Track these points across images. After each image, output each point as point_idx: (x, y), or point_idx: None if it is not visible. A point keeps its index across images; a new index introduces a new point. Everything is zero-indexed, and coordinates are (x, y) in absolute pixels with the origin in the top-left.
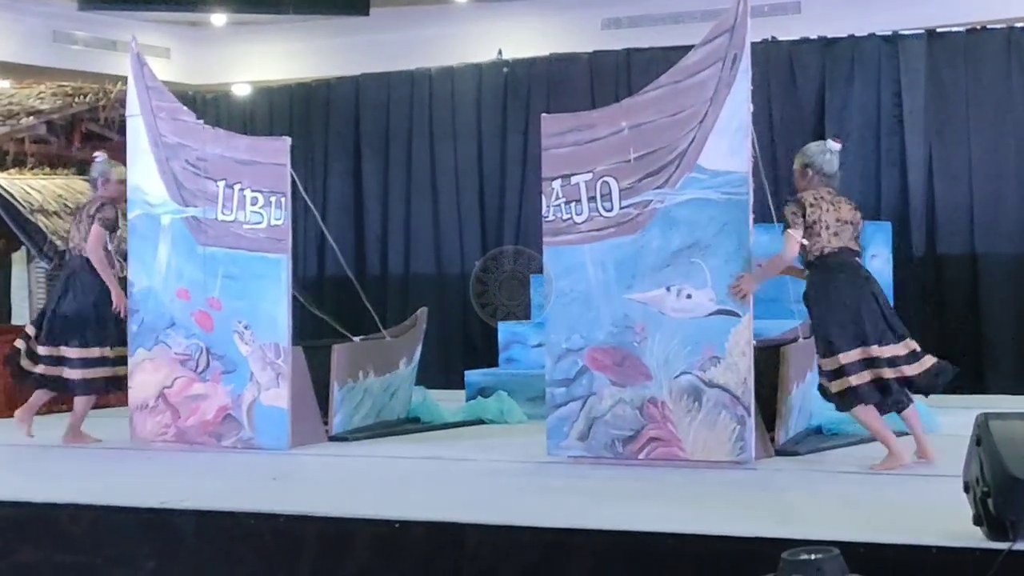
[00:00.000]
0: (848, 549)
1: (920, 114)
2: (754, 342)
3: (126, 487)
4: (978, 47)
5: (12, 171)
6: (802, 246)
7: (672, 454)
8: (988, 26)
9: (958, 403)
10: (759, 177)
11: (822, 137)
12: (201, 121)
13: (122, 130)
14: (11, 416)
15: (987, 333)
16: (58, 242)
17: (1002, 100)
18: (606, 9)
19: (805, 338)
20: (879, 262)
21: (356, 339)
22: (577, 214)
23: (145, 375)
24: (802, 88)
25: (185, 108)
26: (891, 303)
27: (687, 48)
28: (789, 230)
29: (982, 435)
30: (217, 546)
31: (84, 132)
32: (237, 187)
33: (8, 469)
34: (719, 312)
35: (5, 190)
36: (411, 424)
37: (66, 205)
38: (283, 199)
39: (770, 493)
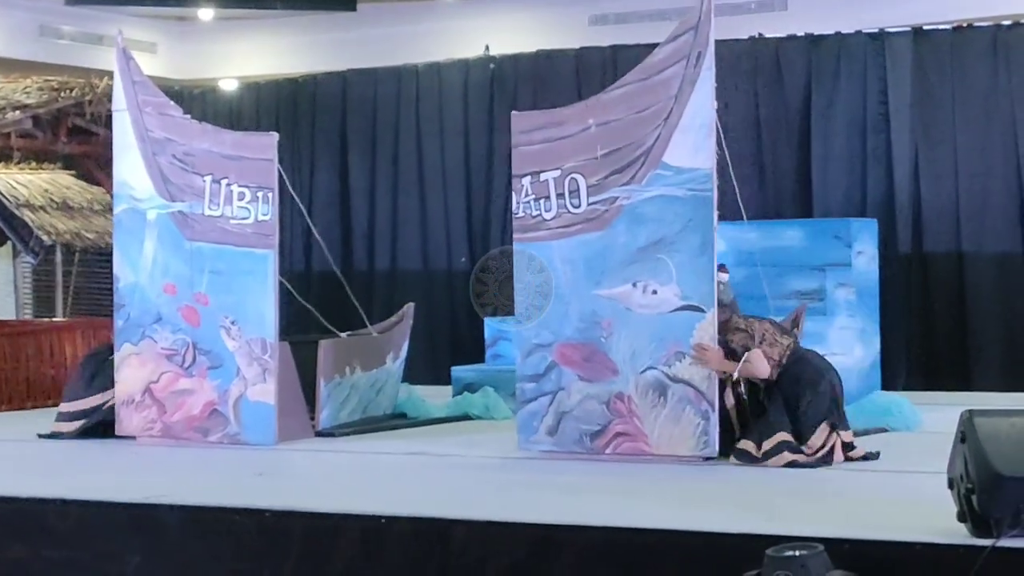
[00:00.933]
0: (832, 545)
1: (906, 112)
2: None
3: (112, 482)
4: (964, 45)
5: None
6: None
7: (638, 449)
8: (974, 24)
9: (943, 400)
10: (727, 173)
11: (808, 134)
12: (188, 116)
13: (108, 124)
14: None
15: (972, 330)
16: (44, 237)
17: (988, 98)
18: (593, 5)
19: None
20: (865, 259)
21: (343, 335)
22: (546, 211)
23: (131, 370)
24: (788, 85)
25: (172, 103)
26: (877, 300)
27: None
28: (750, 352)
29: (967, 432)
30: (203, 541)
31: (70, 127)
32: (224, 182)
33: None
34: (684, 308)
35: None
36: (398, 420)
37: (52, 200)
38: (270, 194)
39: (754, 490)
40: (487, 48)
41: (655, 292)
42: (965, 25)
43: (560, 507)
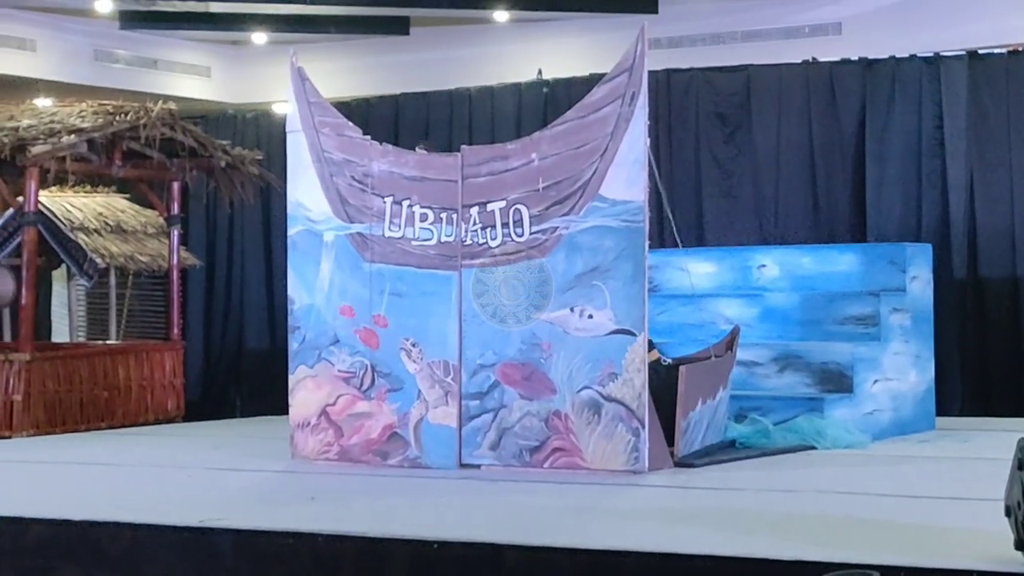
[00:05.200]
0: (888, 572)
1: (961, 136)
2: (668, 360)
3: (165, 505)
4: (1019, 69)
5: (53, 189)
6: None
7: (574, 463)
8: None
9: (999, 426)
10: (661, 204)
11: (863, 158)
12: (368, 137)
13: (162, 148)
14: (53, 432)
15: None
16: (98, 260)
17: None
18: (646, 29)
19: (717, 356)
20: (919, 284)
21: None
22: (492, 239)
23: (307, 393)
24: (843, 109)
25: (350, 123)
26: (932, 326)
27: (726, 68)
28: None
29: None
30: (255, 565)
31: (125, 150)
32: (405, 203)
33: (48, 487)
34: (617, 332)
35: (46, 208)
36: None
37: (106, 223)
38: (454, 215)
39: (808, 515)
40: (540, 72)
41: (591, 316)
42: (1020, 49)
43: (611, 532)
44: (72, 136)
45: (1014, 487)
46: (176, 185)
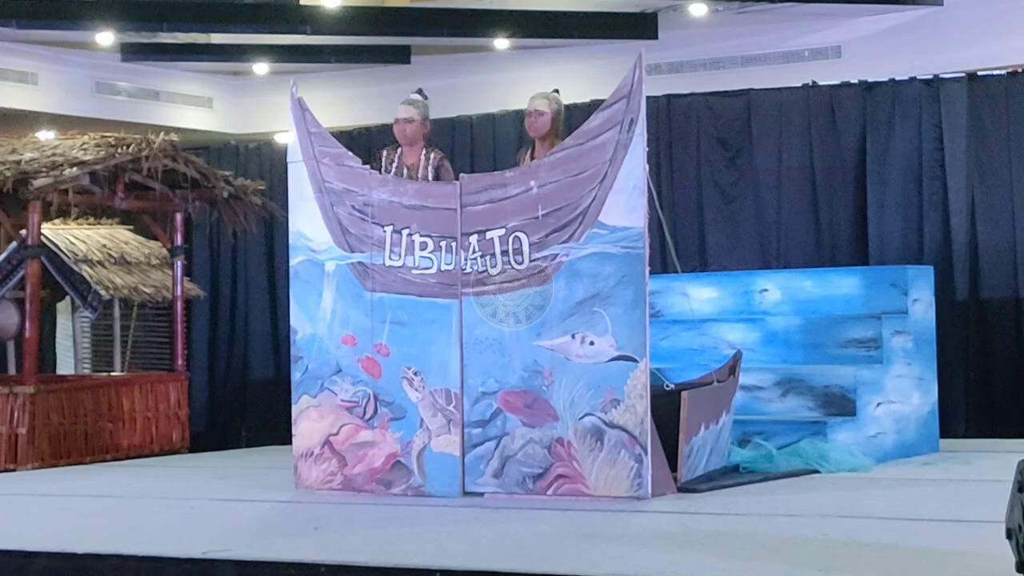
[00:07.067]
0: None
1: (962, 158)
2: (671, 385)
3: (169, 537)
4: (1019, 90)
5: (56, 221)
6: None
7: (577, 490)
8: None
9: (1001, 447)
10: (661, 231)
11: (864, 181)
12: (367, 166)
13: (165, 180)
14: (58, 464)
15: None
16: (102, 292)
17: None
18: (646, 55)
19: (720, 381)
20: (922, 306)
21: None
22: (492, 267)
23: (310, 422)
24: (843, 132)
25: (350, 153)
26: (935, 348)
27: (726, 93)
28: None
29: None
30: None
31: (127, 182)
32: (405, 232)
33: (52, 520)
34: (619, 358)
35: (50, 240)
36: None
37: (110, 255)
38: (453, 244)
39: (812, 539)
40: None
41: (592, 343)
42: (1020, 70)
43: (616, 559)
44: (74, 169)
45: (1015, 509)
46: (179, 216)
